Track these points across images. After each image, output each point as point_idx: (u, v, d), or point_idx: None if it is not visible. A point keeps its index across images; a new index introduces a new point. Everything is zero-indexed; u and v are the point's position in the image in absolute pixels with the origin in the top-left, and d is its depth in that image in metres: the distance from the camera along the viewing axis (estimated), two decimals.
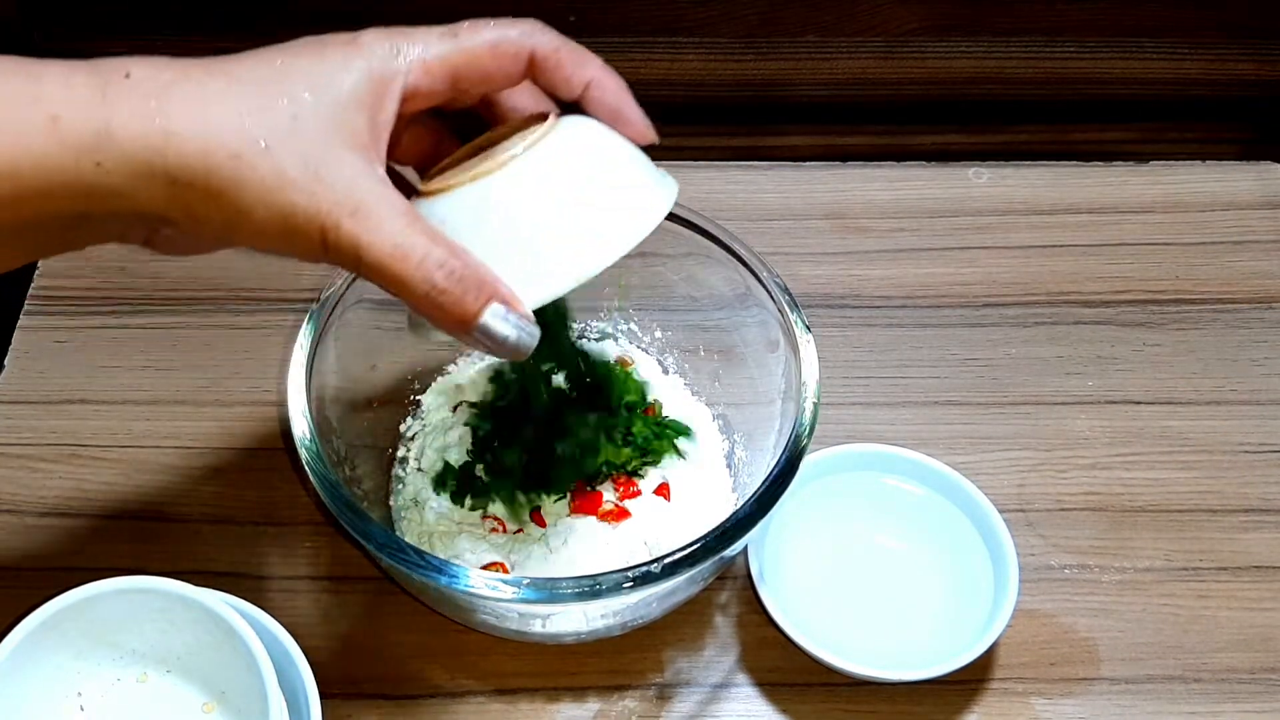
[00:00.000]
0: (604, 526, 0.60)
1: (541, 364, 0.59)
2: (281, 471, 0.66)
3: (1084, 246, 0.77)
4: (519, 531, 0.61)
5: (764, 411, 0.61)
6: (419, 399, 0.67)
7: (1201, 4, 0.82)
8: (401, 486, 0.64)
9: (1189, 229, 0.77)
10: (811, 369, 0.56)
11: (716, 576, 0.61)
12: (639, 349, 0.69)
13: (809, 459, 0.56)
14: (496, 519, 0.61)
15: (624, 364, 0.66)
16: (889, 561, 0.62)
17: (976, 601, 0.60)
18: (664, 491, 0.62)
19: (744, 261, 0.60)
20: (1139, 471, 0.67)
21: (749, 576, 0.59)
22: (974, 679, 0.60)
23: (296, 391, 0.55)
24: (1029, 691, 0.60)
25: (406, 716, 0.59)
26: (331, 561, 0.63)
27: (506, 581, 0.50)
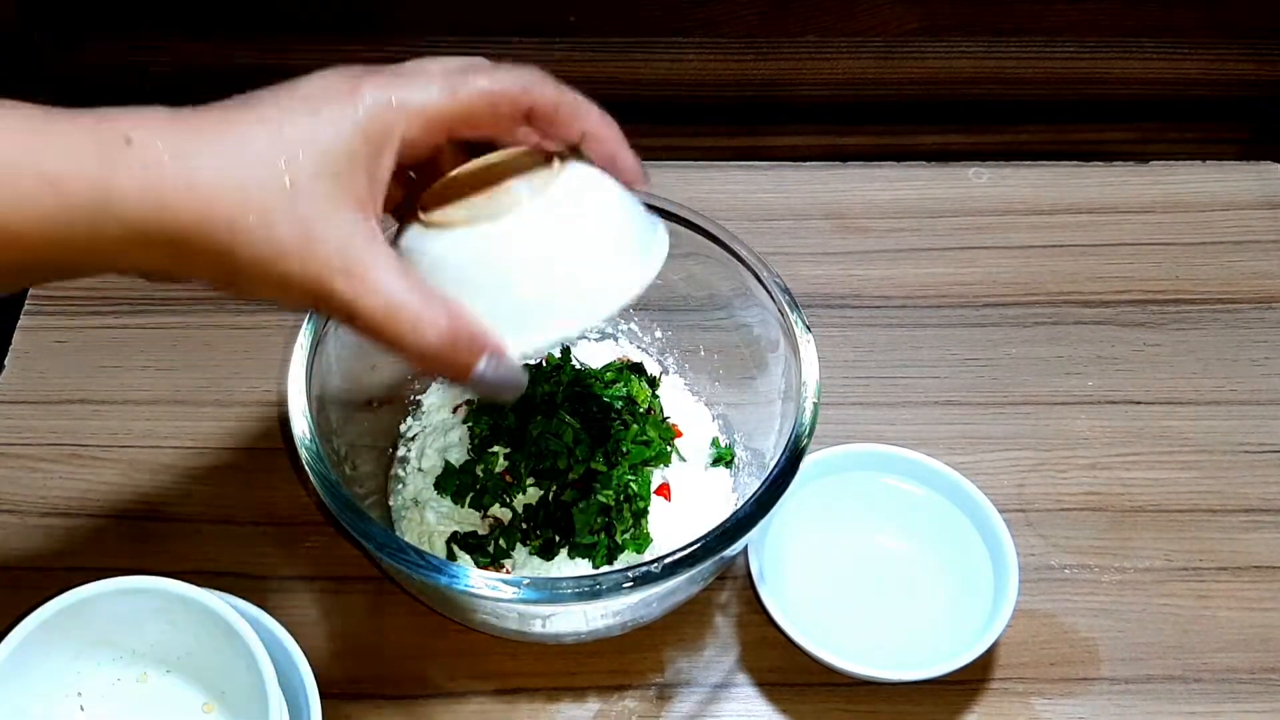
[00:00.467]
0: None
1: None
2: (281, 471, 0.66)
3: (1084, 246, 0.77)
4: None
5: (764, 411, 0.61)
6: (419, 399, 0.67)
7: (1201, 4, 0.82)
8: (401, 486, 0.64)
9: (1189, 229, 0.77)
10: (811, 369, 0.56)
11: (716, 576, 0.61)
12: (639, 349, 0.69)
13: (809, 459, 0.56)
14: (497, 519, 0.61)
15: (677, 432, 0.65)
16: (889, 561, 0.62)
17: (976, 601, 0.60)
18: (664, 491, 0.62)
19: (744, 261, 0.60)
20: (1139, 471, 0.67)
21: (749, 576, 0.59)
22: (974, 679, 0.60)
23: (296, 391, 0.55)
24: (1029, 691, 0.60)
25: (406, 716, 0.59)
26: (331, 561, 0.63)
27: (506, 581, 0.50)
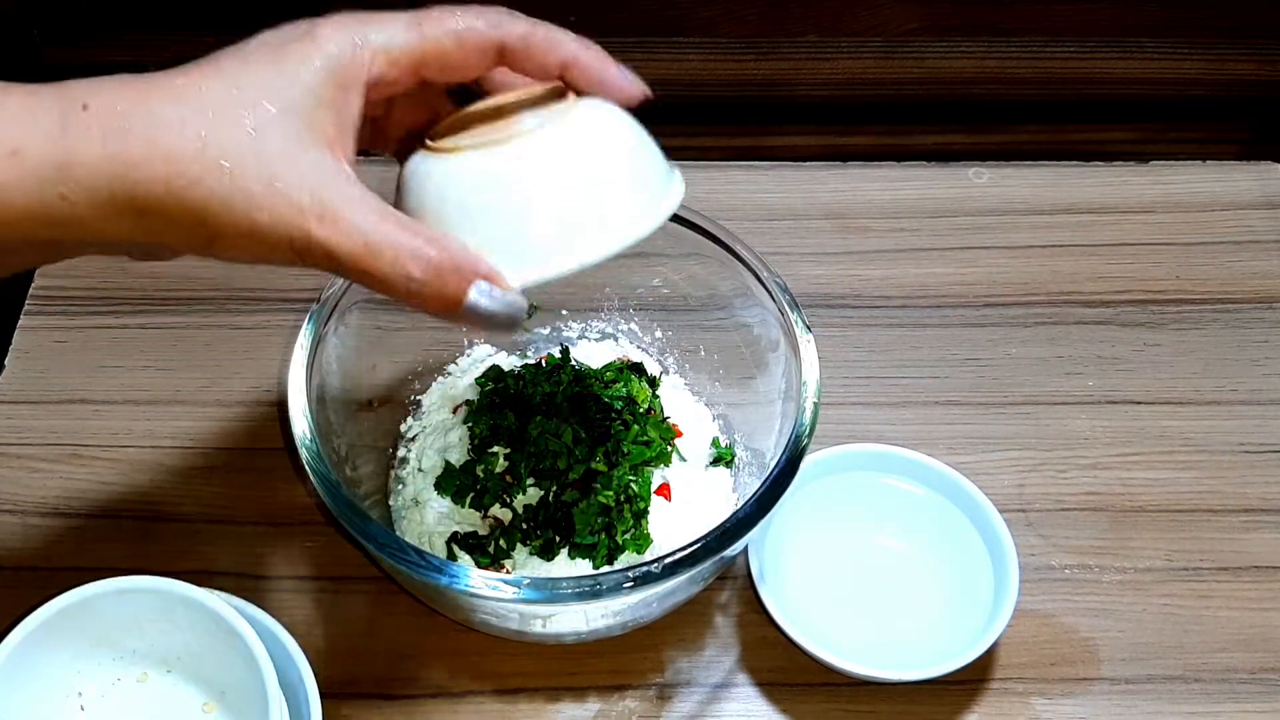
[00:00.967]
0: None
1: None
2: (281, 471, 0.66)
3: (1084, 246, 0.77)
4: None
5: (764, 411, 0.61)
6: (419, 399, 0.67)
7: (1201, 4, 0.82)
8: (401, 487, 0.64)
9: (1189, 229, 0.77)
10: (811, 369, 0.56)
11: (716, 576, 0.61)
12: (639, 349, 0.69)
13: (809, 459, 0.56)
14: (497, 519, 0.61)
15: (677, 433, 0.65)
16: (889, 561, 0.62)
17: (976, 601, 0.60)
18: (664, 491, 0.62)
19: (744, 261, 0.60)
20: (1139, 471, 0.67)
21: (749, 576, 0.59)
22: (974, 679, 0.60)
23: (296, 391, 0.55)
24: (1029, 691, 0.60)
25: (406, 716, 0.59)
26: (331, 561, 0.63)
27: (507, 581, 0.50)
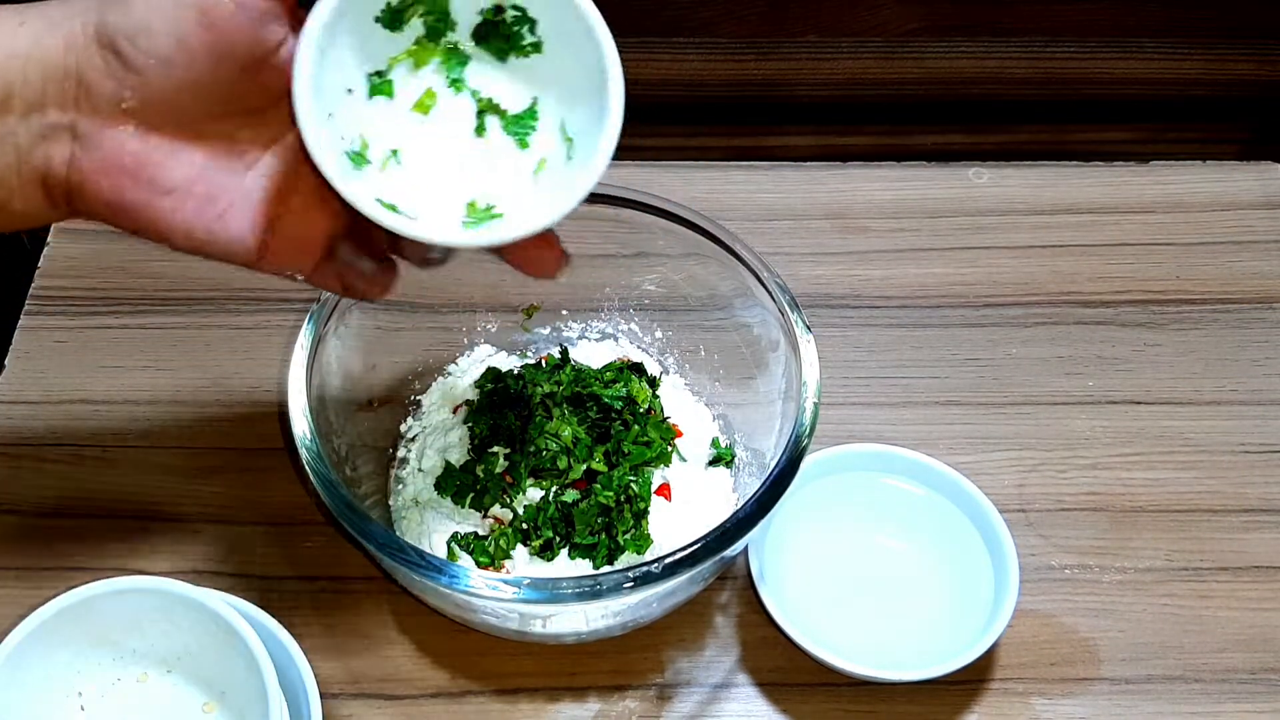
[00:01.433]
0: None
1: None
2: (281, 471, 0.66)
3: (1084, 246, 0.77)
4: None
5: (764, 411, 0.61)
6: (419, 399, 0.67)
7: (1201, 4, 0.82)
8: (401, 487, 0.64)
9: (1189, 229, 0.77)
10: (811, 369, 0.56)
11: (716, 576, 0.61)
12: (639, 349, 0.69)
13: (809, 459, 0.56)
14: (497, 519, 0.61)
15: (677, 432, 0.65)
16: (889, 561, 0.62)
17: (976, 601, 0.60)
18: (664, 491, 0.62)
19: (744, 261, 0.60)
20: (1139, 471, 0.67)
21: (749, 576, 0.59)
22: (974, 679, 0.60)
23: (296, 391, 0.55)
24: (1029, 691, 0.60)
25: (406, 717, 0.59)
26: (331, 561, 0.63)
27: (507, 581, 0.50)
